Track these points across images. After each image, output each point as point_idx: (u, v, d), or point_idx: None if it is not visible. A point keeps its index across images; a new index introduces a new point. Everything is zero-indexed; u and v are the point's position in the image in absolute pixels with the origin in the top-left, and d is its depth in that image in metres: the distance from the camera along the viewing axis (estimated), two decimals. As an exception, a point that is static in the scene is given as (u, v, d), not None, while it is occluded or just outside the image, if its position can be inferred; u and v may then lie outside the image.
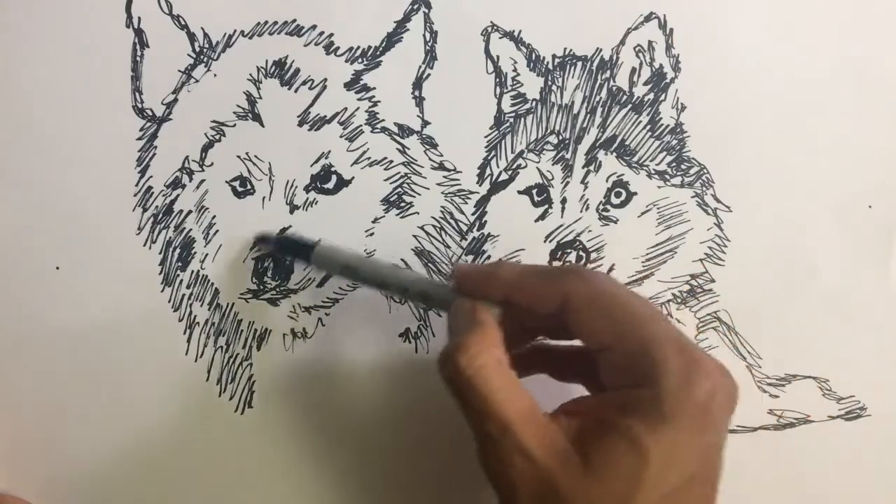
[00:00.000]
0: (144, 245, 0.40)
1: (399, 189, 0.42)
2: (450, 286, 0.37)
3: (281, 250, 0.40)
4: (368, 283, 0.38)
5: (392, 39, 0.41)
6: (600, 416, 0.32)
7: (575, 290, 0.33)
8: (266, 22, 0.40)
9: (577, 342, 0.35)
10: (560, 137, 0.42)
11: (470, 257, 0.42)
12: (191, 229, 0.40)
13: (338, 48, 0.40)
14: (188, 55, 0.39)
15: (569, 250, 0.43)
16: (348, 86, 0.41)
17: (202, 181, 0.40)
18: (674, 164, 0.43)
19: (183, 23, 0.39)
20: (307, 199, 0.41)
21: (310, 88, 0.40)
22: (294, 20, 0.40)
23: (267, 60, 0.40)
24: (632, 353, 0.32)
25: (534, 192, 0.42)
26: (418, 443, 0.43)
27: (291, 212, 0.41)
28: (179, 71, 0.39)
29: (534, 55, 0.42)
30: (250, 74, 0.40)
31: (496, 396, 0.31)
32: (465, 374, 0.32)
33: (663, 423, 0.30)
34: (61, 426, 0.40)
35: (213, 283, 0.41)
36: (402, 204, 0.42)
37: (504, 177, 0.42)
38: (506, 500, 0.32)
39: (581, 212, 0.43)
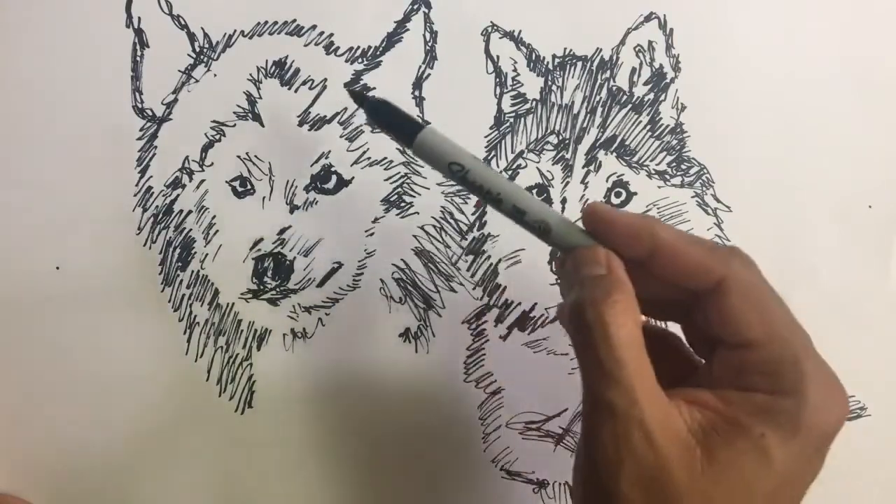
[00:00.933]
0: (144, 245, 0.40)
1: (399, 189, 0.42)
2: (578, 228, 0.32)
3: (375, 116, 0.34)
4: (477, 192, 0.32)
5: (392, 39, 0.41)
6: (730, 415, 0.29)
7: (737, 273, 0.30)
8: (266, 22, 0.40)
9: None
10: (560, 137, 0.42)
11: (471, 257, 0.42)
12: (191, 229, 0.40)
13: (338, 48, 0.40)
14: (188, 55, 0.39)
15: (569, 250, 0.43)
16: (348, 86, 0.41)
17: (202, 181, 0.40)
18: (674, 164, 0.43)
19: (183, 23, 0.39)
20: (307, 199, 0.41)
21: (310, 88, 0.40)
22: (294, 20, 0.40)
23: (267, 60, 0.40)
24: (779, 359, 0.30)
25: (534, 191, 0.42)
26: (418, 442, 0.43)
27: (291, 212, 0.41)
28: (179, 71, 0.39)
29: (534, 55, 0.42)
30: (250, 74, 0.40)
31: (630, 365, 0.28)
32: (610, 331, 0.28)
33: (794, 439, 0.29)
34: (61, 426, 0.40)
35: (213, 283, 0.41)
36: (402, 204, 0.42)
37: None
38: (598, 474, 0.29)
39: (581, 212, 0.43)
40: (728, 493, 0.28)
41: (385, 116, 0.33)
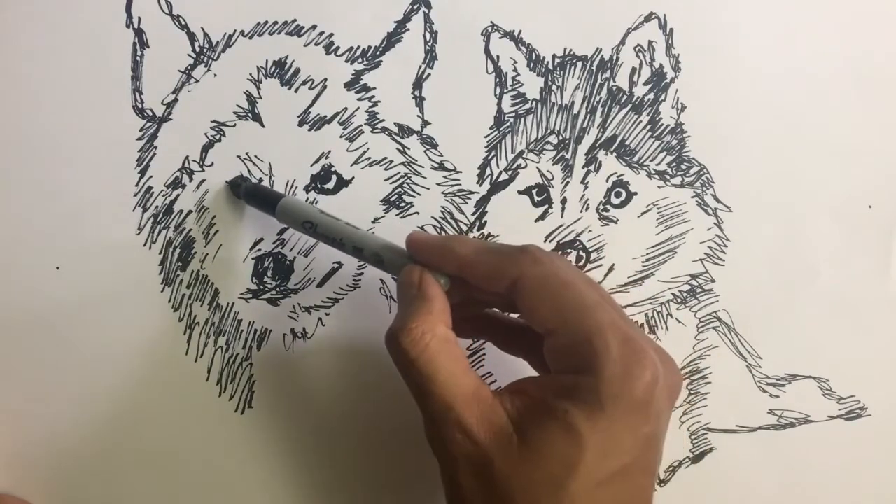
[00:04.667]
0: (144, 245, 0.40)
1: (399, 189, 0.42)
2: (405, 252, 0.37)
3: (248, 197, 0.40)
4: (327, 241, 0.38)
5: (392, 39, 0.41)
6: (542, 398, 0.32)
7: (526, 272, 0.33)
8: (266, 22, 0.40)
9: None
10: (560, 137, 0.42)
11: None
12: (191, 229, 0.40)
13: (338, 48, 0.40)
14: (188, 55, 0.39)
15: (569, 250, 0.43)
16: (348, 86, 0.41)
17: (202, 181, 0.40)
18: (674, 164, 0.43)
19: (183, 23, 0.39)
20: (307, 198, 0.41)
21: (310, 88, 0.40)
22: (294, 20, 0.40)
23: (267, 60, 0.40)
24: (575, 340, 0.32)
25: (534, 192, 0.42)
26: (418, 442, 0.43)
27: (291, 212, 0.41)
28: (179, 71, 0.39)
29: (534, 55, 0.42)
30: (250, 74, 0.40)
31: (439, 377, 0.32)
32: (409, 355, 0.33)
33: (601, 412, 0.31)
34: (61, 426, 0.40)
35: (213, 283, 0.41)
36: (402, 204, 0.42)
37: (504, 177, 0.42)
38: (447, 474, 0.33)
39: (581, 212, 0.43)
40: (545, 471, 0.31)
41: (256, 194, 0.39)
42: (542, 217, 0.43)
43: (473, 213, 0.42)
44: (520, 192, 0.42)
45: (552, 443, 0.31)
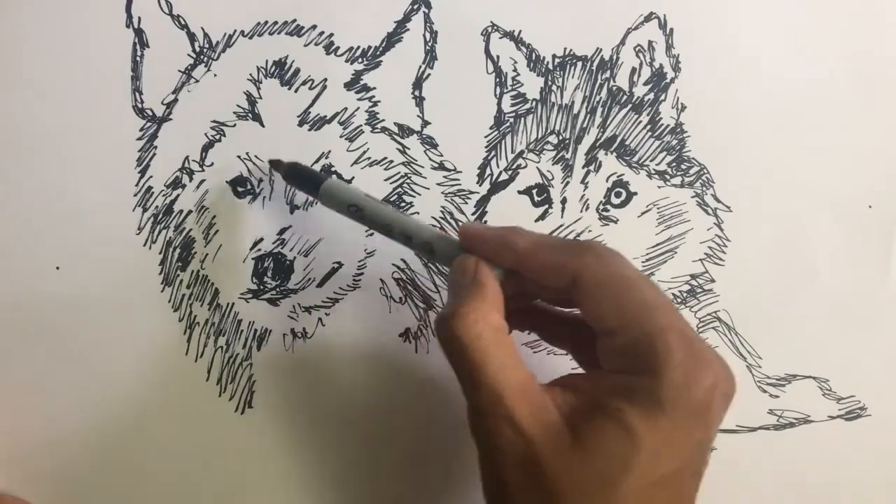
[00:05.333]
0: (144, 245, 0.40)
1: (399, 189, 0.42)
2: (457, 242, 0.36)
3: (290, 178, 0.39)
4: (373, 226, 0.37)
5: (392, 39, 0.41)
6: (596, 396, 0.32)
7: (588, 269, 0.32)
8: (266, 22, 0.40)
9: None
10: (560, 137, 0.42)
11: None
12: (191, 229, 0.40)
13: (338, 48, 0.40)
14: (188, 55, 0.39)
15: (569, 250, 0.43)
16: (348, 86, 0.41)
17: (202, 181, 0.40)
18: (674, 164, 0.43)
19: (183, 23, 0.39)
20: (307, 199, 0.41)
21: (310, 88, 0.40)
22: (294, 20, 0.40)
23: (267, 60, 0.40)
24: (636, 341, 0.31)
25: (534, 192, 0.42)
26: (418, 442, 0.43)
27: (291, 211, 0.41)
28: (179, 71, 0.39)
29: (534, 55, 0.42)
30: (250, 74, 0.40)
31: (490, 367, 0.31)
32: (461, 341, 0.32)
33: (661, 414, 0.30)
34: (61, 426, 0.40)
35: (213, 283, 0.41)
36: (402, 204, 0.42)
37: (504, 177, 0.42)
38: (490, 467, 0.32)
39: (581, 212, 0.43)
40: (598, 469, 0.30)
41: (298, 174, 0.39)
42: (542, 217, 0.43)
43: (473, 213, 0.42)
44: (520, 192, 0.42)
45: (607, 441, 0.30)
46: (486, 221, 0.42)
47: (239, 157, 0.40)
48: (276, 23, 0.40)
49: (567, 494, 0.30)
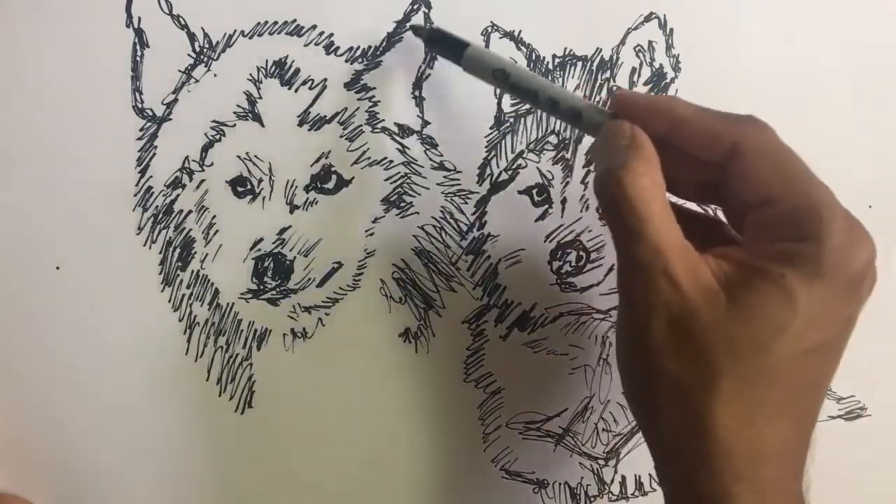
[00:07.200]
0: (144, 245, 0.40)
1: (399, 189, 0.42)
2: (606, 109, 0.35)
3: (431, 43, 0.39)
4: (517, 92, 0.36)
5: (392, 39, 0.41)
6: (754, 263, 0.31)
7: (749, 138, 0.32)
8: (266, 22, 0.40)
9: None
10: (560, 137, 0.42)
11: (471, 257, 0.42)
12: (191, 229, 0.40)
13: (338, 48, 0.40)
14: (188, 55, 0.39)
15: (569, 250, 0.43)
16: (348, 86, 0.41)
17: (202, 181, 0.40)
18: (674, 164, 0.43)
19: (183, 23, 0.39)
20: (307, 198, 0.41)
21: (310, 88, 0.40)
22: (294, 20, 0.40)
23: (267, 60, 0.40)
24: (797, 209, 0.31)
25: (534, 192, 0.43)
26: (418, 443, 0.43)
27: (291, 212, 0.41)
28: (179, 71, 0.39)
29: (534, 55, 0.42)
30: (250, 74, 0.40)
31: (653, 221, 0.31)
32: (628, 192, 0.31)
33: (820, 282, 0.30)
34: (61, 426, 0.40)
35: (213, 283, 0.41)
36: (402, 204, 0.42)
37: (504, 177, 0.42)
38: (637, 325, 0.32)
39: (581, 212, 0.43)
40: (752, 331, 0.30)
41: (440, 40, 0.38)
42: (542, 217, 0.43)
43: (473, 213, 0.42)
44: (520, 192, 0.42)
45: (764, 305, 0.30)
46: (486, 222, 0.42)
47: (239, 157, 0.40)
48: (276, 23, 0.40)
49: (718, 357, 0.30)
